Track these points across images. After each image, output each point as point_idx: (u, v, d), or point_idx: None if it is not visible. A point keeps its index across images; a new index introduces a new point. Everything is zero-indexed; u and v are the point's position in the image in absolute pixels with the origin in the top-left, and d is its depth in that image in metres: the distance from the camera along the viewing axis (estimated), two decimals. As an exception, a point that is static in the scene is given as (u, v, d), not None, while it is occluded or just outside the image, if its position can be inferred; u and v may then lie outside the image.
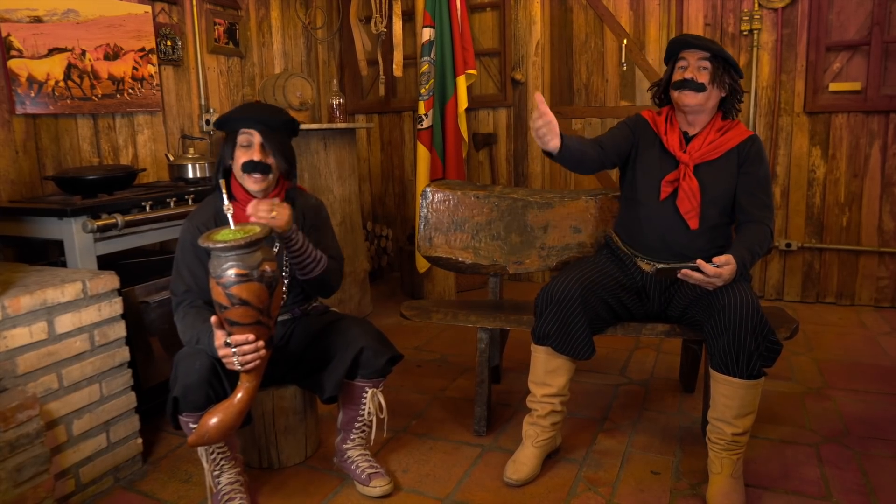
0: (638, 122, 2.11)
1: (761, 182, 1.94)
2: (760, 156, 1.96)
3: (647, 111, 2.13)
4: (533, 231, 2.41)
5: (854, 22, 3.39)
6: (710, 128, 1.99)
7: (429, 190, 2.46)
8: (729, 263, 1.73)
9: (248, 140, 1.80)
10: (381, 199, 4.70)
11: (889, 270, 3.49)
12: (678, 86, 1.95)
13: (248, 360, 1.57)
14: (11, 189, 2.49)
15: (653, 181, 2.00)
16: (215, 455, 1.81)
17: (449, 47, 3.54)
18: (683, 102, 1.95)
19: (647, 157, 2.05)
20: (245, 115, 1.80)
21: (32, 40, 2.53)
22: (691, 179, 1.94)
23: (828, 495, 1.84)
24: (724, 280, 1.74)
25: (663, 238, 1.97)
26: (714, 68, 1.93)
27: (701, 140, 1.98)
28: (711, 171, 1.96)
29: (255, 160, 1.78)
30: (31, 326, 1.73)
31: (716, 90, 1.94)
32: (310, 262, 1.85)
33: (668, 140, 2.01)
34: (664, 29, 3.78)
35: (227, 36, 3.53)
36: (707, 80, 1.92)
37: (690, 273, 1.76)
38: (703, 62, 1.93)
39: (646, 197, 2.01)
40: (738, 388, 1.75)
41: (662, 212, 1.97)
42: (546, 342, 1.93)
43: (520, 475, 1.93)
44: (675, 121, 2.04)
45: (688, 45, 1.96)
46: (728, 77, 1.95)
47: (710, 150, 1.96)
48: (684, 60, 1.96)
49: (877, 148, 3.42)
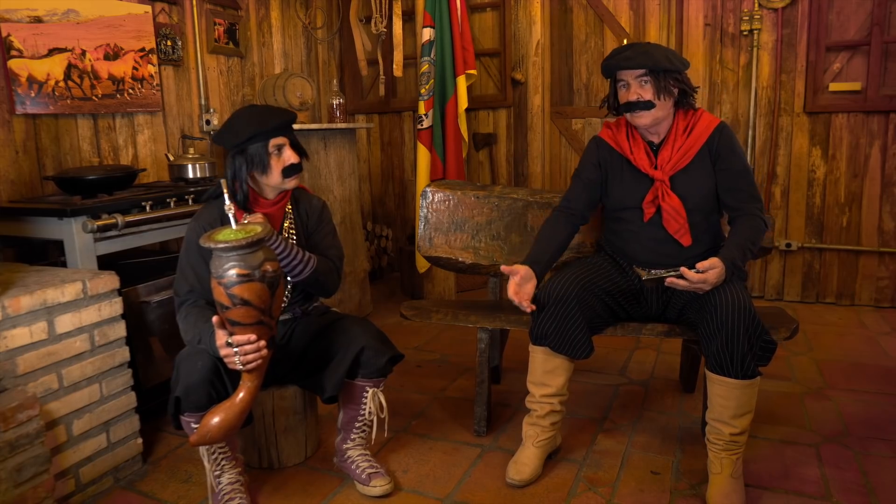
0: (600, 151, 2.03)
1: (740, 173, 1.90)
2: (731, 147, 1.90)
3: (604, 131, 2.05)
4: (533, 231, 2.40)
5: (854, 22, 3.39)
6: (675, 132, 1.93)
7: (429, 190, 2.46)
8: (714, 267, 1.72)
9: (278, 145, 1.82)
10: (381, 199, 4.70)
11: (889, 270, 3.50)
12: (627, 108, 1.90)
13: (249, 360, 1.58)
14: (11, 189, 2.49)
15: (633, 204, 1.97)
16: (216, 455, 1.81)
17: (449, 47, 3.54)
18: (638, 124, 1.91)
19: (620, 181, 2.00)
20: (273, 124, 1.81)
21: (32, 40, 2.53)
22: (671, 197, 1.90)
23: (828, 495, 1.84)
24: (712, 283, 1.74)
25: (654, 254, 1.97)
26: (655, 80, 1.85)
27: (669, 149, 1.92)
28: (687, 178, 1.92)
29: (294, 163, 1.85)
30: (31, 326, 1.73)
31: (665, 101, 1.88)
32: (296, 265, 1.84)
33: (636, 159, 1.95)
34: (664, 29, 3.78)
35: (227, 36, 3.53)
36: (652, 96, 1.85)
37: (676, 281, 1.76)
38: (642, 80, 1.86)
39: (630, 217, 1.99)
40: (734, 388, 1.75)
41: (650, 232, 1.96)
42: (544, 342, 1.93)
43: (522, 476, 1.93)
44: (636, 134, 1.98)
45: (619, 67, 1.88)
46: (672, 81, 1.87)
47: (680, 158, 1.91)
48: (624, 82, 1.90)
49: (877, 148, 3.42)
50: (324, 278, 1.91)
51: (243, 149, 1.80)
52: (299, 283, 1.91)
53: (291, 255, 1.82)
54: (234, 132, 1.80)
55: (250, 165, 1.81)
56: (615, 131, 2.03)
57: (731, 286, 1.77)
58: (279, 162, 1.82)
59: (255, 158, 1.80)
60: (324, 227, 2.01)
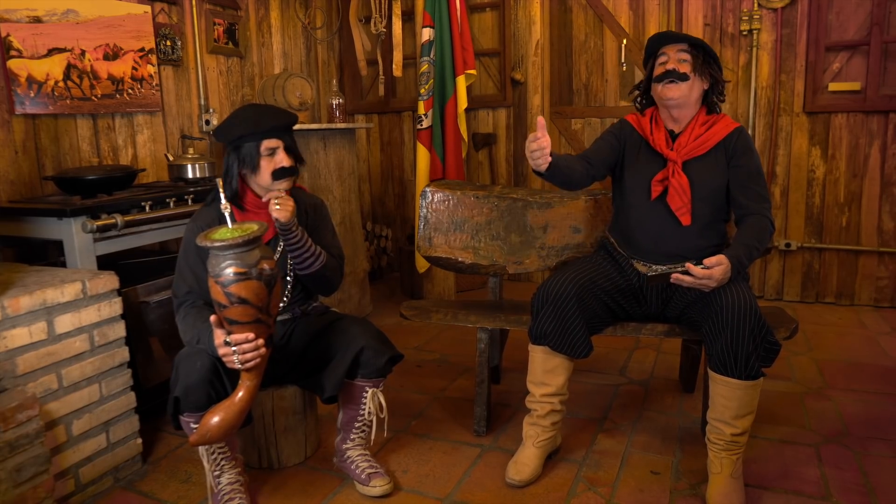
0: (623, 127, 2.11)
1: (753, 173, 1.93)
2: (748, 147, 1.95)
3: (631, 115, 2.13)
4: (532, 231, 2.41)
5: (853, 22, 3.39)
6: (695, 123, 1.98)
7: (428, 190, 2.46)
8: (720, 264, 1.73)
9: (271, 148, 1.81)
10: (380, 199, 4.70)
11: (889, 270, 3.50)
12: (660, 78, 1.95)
13: (248, 359, 1.58)
14: (11, 189, 2.48)
15: (643, 182, 2.00)
16: (216, 455, 1.81)
17: (448, 47, 3.54)
18: (667, 96, 1.94)
19: (635, 160, 2.05)
20: (267, 125, 1.80)
21: (32, 40, 2.53)
22: (680, 176, 1.93)
23: (828, 495, 1.84)
24: (718, 281, 1.74)
25: (656, 239, 1.97)
26: (694, 58, 1.93)
27: (687, 136, 1.97)
28: (700, 166, 1.95)
29: (286, 167, 1.83)
30: (30, 327, 1.73)
31: (698, 80, 1.94)
32: (308, 257, 1.86)
33: (655, 139, 2.00)
34: (664, 29, 3.78)
35: (227, 36, 3.53)
36: (689, 70, 1.92)
37: (681, 277, 1.76)
38: (683, 54, 1.93)
39: (637, 198, 2.01)
40: (737, 388, 1.75)
41: (654, 212, 1.97)
42: (543, 341, 1.93)
43: (522, 476, 1.92)
44: (659, 120, 2.03)
45: (666, 40, 1.97)
46: (709, 68, 1.95)
47: (697, 146, 1.95)
48: (664, 56, 1.96)
49: (876, 148, 3.42)
50: (330, 274, 1.94)
51: (238, 146, 1.81)
52: (305, 277, 1.92)
53: (306, 247, 1.84)
54: (229, 129, 1.81)
55: (241, 163, 1.82)
56: (640, 117, 2.10)
57: (737, 286, 1.77)
58: (270, 163, 1.82)
59: (246, 157, 1.81)
60: (323, 227, 2.02)
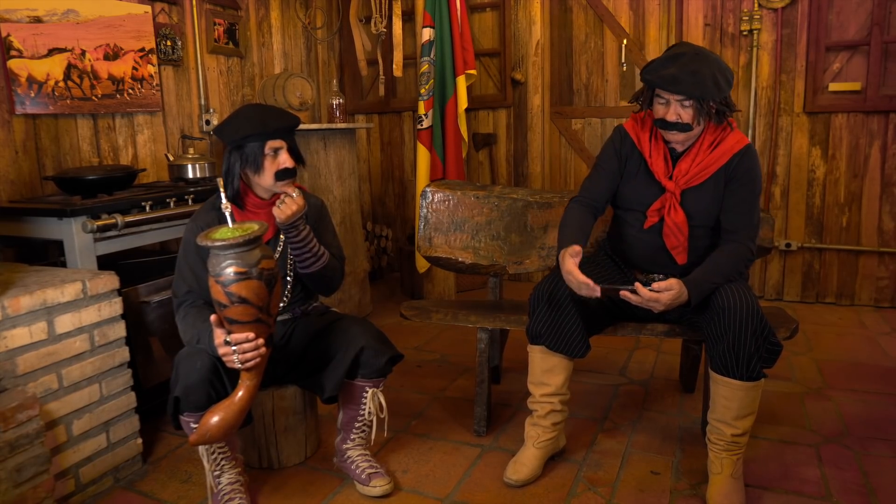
0: (623, 142, 1.97)
1: (745, 200, 1.84)
2: (748, 172, 1.84)
3: (629, 123, 1.99)
4: (533, 231, 2.41)
5: (854, 22, 3.39)
6: (700, 145, 1.86)
7: (429, 190, 2.46)
8: (670, 289, 1.70)
9: (275, 148, 1.81)
10: (380, 200, 4.70)
11: (889, 270, 3.49)
12: (662, 126, 1.83)
13: (248, 359, 1.58)
14: (11, 189, 2.49)
15: (639, 207, 1.94)
16: (216, 455, 1.81)
17: (449, 47, 3.54)
18: (669, 139, 1.87)
19: (633, 176, 1.96)
20: (273, 126, 1.80)
21: (32, 40, 2.53)
22: (677, 213, 1.85)
23: (828, 495, 1.84)
24: (665, 304, 1.71)
25: (651, 263, 1.96)
26: (698, 106, 1.77)
27: (689, 161, 1.86)
28: (699, 195, 1.87)
29: (289, 167, 1.83)
30: (30, 326, 1.73)
31: (703, 122, 1.82)
32: (309, 257, 1.86)
33: (653, 163, 1.90)
34: (664, 29, 3.78)
35: (227, 36, 3.53)
36: (691, 119, 1.78)
37: (629, 295, 1.73)
38: (685, 101, 1.77)
39: (633, 217, 1.97)
40: (738, 389, 1.75)
41: (649, 239, 1.93)
42: (540, 341, 1.93)
43: (519, 475, 1.92)
44: (660, 136, 1.91)
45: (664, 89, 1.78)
46: (713, 103, 1.78)
47: (697, 173, 1.85)
48: (662, 98, 1.80)
49: (876, 148, 3.42)
50: (331, 273, 1.94)
51: (240, 145, 1.81)
52: (306, 277, 1.92)
53: (310, 246, 1.85)
54: (234, 128, 1.80)
55: (244, 163, 1.82)
56: (640, 127, 1.96)
57: (739, 287, 1.76)
58: (273, 164, 1.81)
59: (249, 157, 1.80)
60: (324, 227, 2.02)
